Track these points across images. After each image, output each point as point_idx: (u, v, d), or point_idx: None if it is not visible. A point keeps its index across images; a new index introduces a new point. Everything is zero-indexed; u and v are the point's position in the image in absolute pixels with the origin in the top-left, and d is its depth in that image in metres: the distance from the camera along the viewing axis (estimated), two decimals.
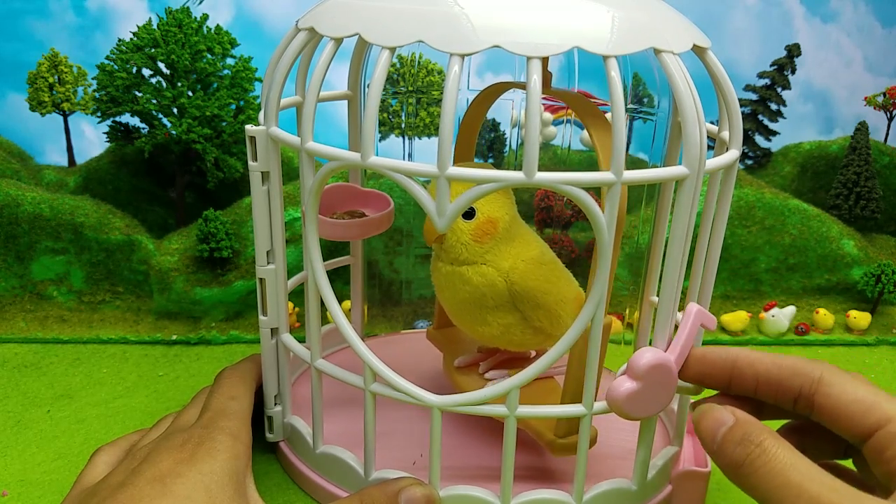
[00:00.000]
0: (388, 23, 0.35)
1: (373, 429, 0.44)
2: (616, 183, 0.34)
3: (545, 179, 0.34)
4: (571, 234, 0.69)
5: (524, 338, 0.47)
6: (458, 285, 0.46)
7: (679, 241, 0.38)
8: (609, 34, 0.35)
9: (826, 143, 0.82)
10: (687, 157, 0.36)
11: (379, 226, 0.54)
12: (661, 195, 0.52)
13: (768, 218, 0.75)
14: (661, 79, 0.60)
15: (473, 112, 0.51)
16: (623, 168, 0.34)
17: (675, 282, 0.39)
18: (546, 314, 0.46)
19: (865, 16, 0.78)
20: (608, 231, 0.36)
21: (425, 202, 0.36)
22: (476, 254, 0.45)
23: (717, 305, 0.75)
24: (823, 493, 0.29)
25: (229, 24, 0.73)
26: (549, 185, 0.34)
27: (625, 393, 0.38)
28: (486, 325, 0.46)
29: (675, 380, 0.39)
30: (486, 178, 0.34)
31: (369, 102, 0.35)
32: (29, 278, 0.70)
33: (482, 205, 0.45)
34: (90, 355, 0.65)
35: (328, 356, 0.60)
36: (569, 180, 0.34)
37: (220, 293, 0.68)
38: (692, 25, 0.40)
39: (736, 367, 0.37)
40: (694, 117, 0.36)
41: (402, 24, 0.35)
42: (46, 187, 0.74)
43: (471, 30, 0.34)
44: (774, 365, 0.36)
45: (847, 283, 0.76)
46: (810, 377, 0.34)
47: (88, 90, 0.75)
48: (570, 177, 0.34)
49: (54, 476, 0.50)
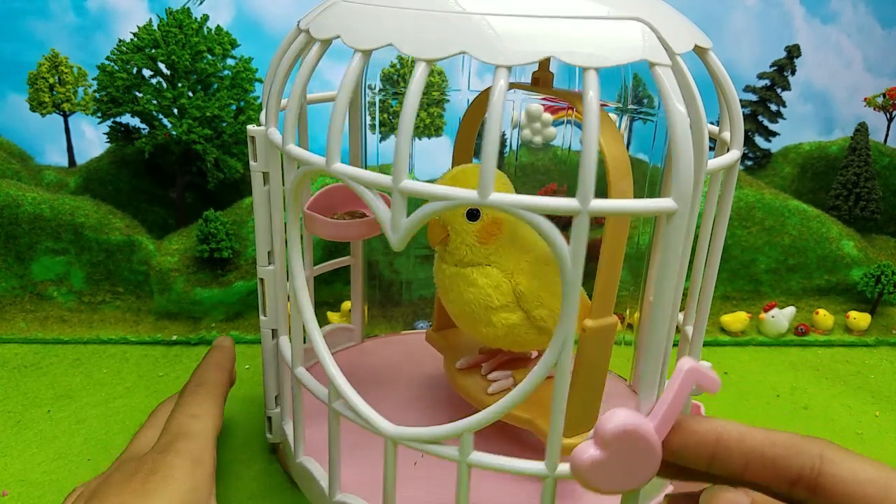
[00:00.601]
0: (363, 26, 0.35)
1: (337, 447, 0.42)
2: (582, 213, 0.31)
3: (501, 201, 0.31)
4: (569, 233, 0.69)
5: (528, 337, 0.47)
6: (463, 287, 0.46)
7: (671, 281, 0.33)
8: (590, 46, 0.32)
9: (826, 144, 0.82)
10: (676, 191, 0.31)
11: (379, 226, 0.54)
12: (662, 195, 0.52)
13: (768, 219, 0.75)
14: (625, 66, 0.59)
15: (473, 113, 0.51)
16: (591, 196, 0.30)
17: (665, 329, 0.34)
18: (550, 314, 0.46)
19: (865, 16, 0.78)
20: (573, 265, 0.32)
21: (381, 216, 0.34)
22: (481, 255, 0.45)
23: (717, 306, 0.75)
24: None
25: (229, 24, 0.73)
26: (507, 208, 0.31)
27: (587, 461, 0.31)
28: (490, 326, 0.46)
29: (656, 451, 0.32)
30: (439, 195, 0.32)
31: (336, 108, 0.33)
32: (29, 279, 0.70)
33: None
34: (90, 356, 0.65)
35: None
36: (528, 205, 0.31)
37: (221, 293, 0.68)
38: (693, 25, 0.40)
39: (721, 442, 0.31)
40: (688, 145, 0.31)
41: (377, 28, 0.34)
42: (47, 188, 0.74)
43: (440, 35, 0.32)
44: (768, 441, 0.30)
45: (847, 284, 0.76)
46: (811, 455, 0.29)
47: (89, 90, 0.75)
48: (529, 202, 0.31)
49: (54, 476, 0.50)
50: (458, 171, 0.46)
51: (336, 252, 0.59)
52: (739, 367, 0.67)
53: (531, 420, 0.47)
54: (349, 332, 0.63)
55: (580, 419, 0.44)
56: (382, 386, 0.58)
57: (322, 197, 0.54)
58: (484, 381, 0.50)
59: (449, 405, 0.56)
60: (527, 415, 0.47)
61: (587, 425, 0.45)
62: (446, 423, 0.37)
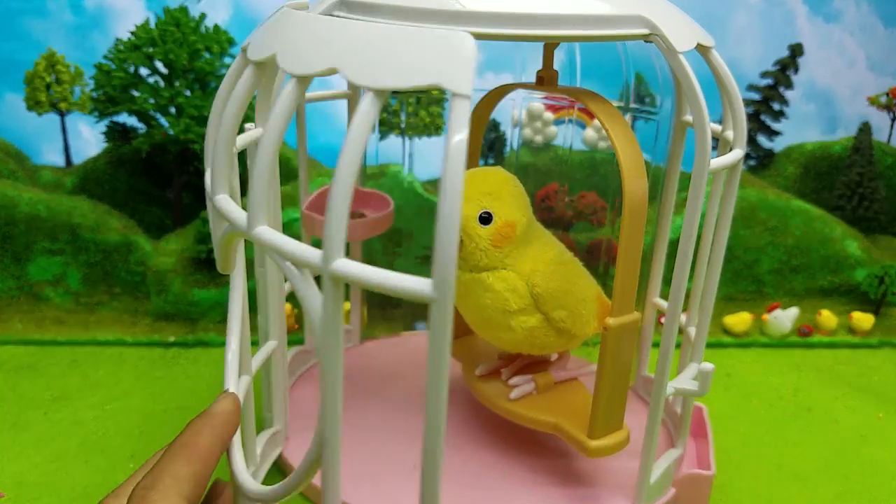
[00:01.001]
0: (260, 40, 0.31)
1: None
2: (324, 271, 0.24)
3: (261, 236, 0.27)
4: (572, 235, 0.69)
5: (548, 340, 0.46)
6: (480, 292, 0.45)
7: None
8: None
9: (829, 144, 0.82)
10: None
11: (381, 226, 0.53)
12: (664, 197, 0.52)
13: (771, 219, 0.74)
14: (662, 77, 0.59)
15: (478, 114, 0.51)
16: (338, 254, 0.24)
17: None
18: (569, 314, 0.45)
19: (868, 16, 0.77)
20: (321, 328, 0.25)
21: (311, 308, 0.26)
22: (496, 259, 0.44)
23: (720, 307, 0.75)
24: None
25: (227, 22, 0.72)
26: (266, 245, 0.27)
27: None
28: (509, 331, 0.45)
29: None
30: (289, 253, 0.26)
31: (261, 153, 0.26)
32: (25, 279, 0.69)
33: (500, 208, 0.44)
34: (87, 357, 0.65)
35: (312, 368, 0.60)
36: (284, 253, 0.26)
37: (218, 294, 0.68)
38: (695, 24, 0.40)
39: None
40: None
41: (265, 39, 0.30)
42: (43, 188, 0.74)
43: (312, 50, 0.27)
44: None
45: (850, 285, 0.76)
46: None
47: (86, 90, 0.75)
48: (285, 249, 0.26)
49: (51, 478, 0.49)
50: (469, 173, 0.45)
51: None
52: (742, 369, 0.67)
53: (556, 423, 0.46)
54: (347, 333, 0.63)
55: (607, 419, 0.44)
56: (386, 386, 0.58)
57: (321, 197, 0.53)
58: (505, 387, 0.50)
59: (455, 404, 0.55)
60: (552, 419, 0.47)
61: (615, 425, 0.44)
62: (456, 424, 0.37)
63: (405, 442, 0.51)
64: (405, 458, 0.49)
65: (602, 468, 0.49)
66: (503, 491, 0.47)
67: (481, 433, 0.52)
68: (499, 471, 0.49)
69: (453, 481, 0.47)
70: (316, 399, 0.55)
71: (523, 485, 0.47)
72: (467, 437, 0.52)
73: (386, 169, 0.69)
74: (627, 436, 0.44)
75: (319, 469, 0.27)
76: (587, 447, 0.44)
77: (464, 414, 0.54)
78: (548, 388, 0.49)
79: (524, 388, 0.49)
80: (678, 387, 0.43)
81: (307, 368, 0.59)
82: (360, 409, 0.55)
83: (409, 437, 0.51)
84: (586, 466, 0.49)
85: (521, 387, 0.49)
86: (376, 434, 0.52)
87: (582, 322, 0.46)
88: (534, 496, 0.47)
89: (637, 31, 0.36)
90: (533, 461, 0.50)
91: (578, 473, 0.48)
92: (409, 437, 0.51)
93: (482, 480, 0.48)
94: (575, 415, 0.46)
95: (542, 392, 0.49)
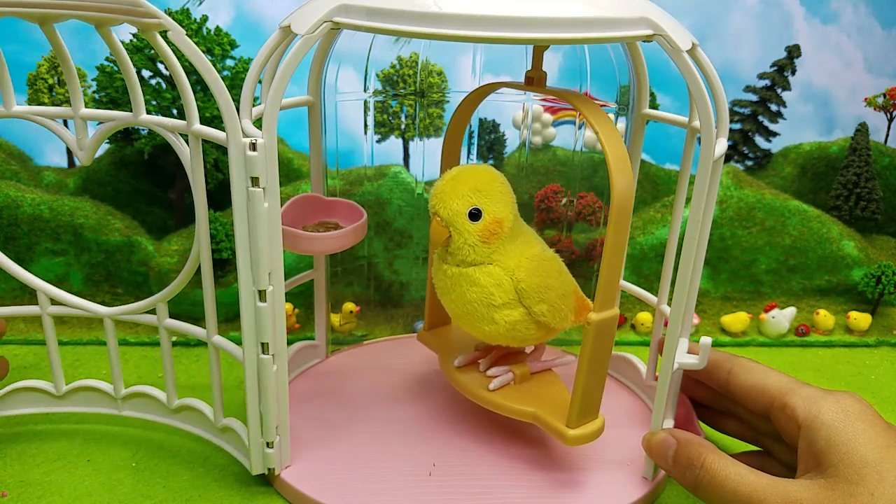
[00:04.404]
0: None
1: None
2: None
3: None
4: (572, 234, 0.69)
5: (528, 333, 0.47)
6: (466, 287, 0.46)
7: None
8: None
9: (826, 144, 0.82)
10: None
11: (358, 235, 0.52)
12: (676, 201, 0.52)
13: (768, 219, 0.74)
14: (619, 68, 0.59)
15: (461, 114, 0.52)
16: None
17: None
18: (550, 308, 0.46)
19: (865, 17, 0.78)
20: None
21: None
22: (483, 254, 0.45)
23: (718, 307, 0.75)
24: (768, 499, 0.37)
25: (229, 25, 0.73)
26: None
27: None
28: (493, 324, 0.47)
29: None
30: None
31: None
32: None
33: (489, 205, 0.45)
34: (90, 357, 0.65)
35: (306, 370, 0.60)
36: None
37: (220, 294, 0.68)
38: (678, 23, 0.40)
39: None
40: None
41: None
42: (46, 189, 0.74)
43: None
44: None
45: (847, 285, 0.76)
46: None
47: (88, 91, 0.75)
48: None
49: (54, 477, 0.50)
50: (458, 171, 0.46)
51: (302, 262, 0.57)
52: None
53: (535, 413, 0.47)
54: (312, 348, 0.61)
55: (585, 409, 0.45)
56: (386, 386, 0.58)
57: (291, 208, 0.52)
58: (483, 378, 0.51)
59: (433, 393, 0.56)
60: (531, 409, 0.48)
61: (591, 415, 0.46)
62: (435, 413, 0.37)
63: (406, 442, 0.52)
64: (420, 465, 0.49)
65: (580, 452, 0.50)
66: (485, 479, 0.48)
67: (462, 422, 0.53)
68: (480, 459, 0.50)
69: (435, 471, 0.48)
70: (316, 399, 0.56)
71: (505, 471, 0.48)
72: (446, 424, 0.53)
73: (386, 169, 0.69)
74: (603, 424, 0.46)
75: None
76: (566, 436, 0.45)
77: (442, 403, 0.55)
78: (525, 378, 0.51)
79: (503, 379, 0.50)
80: (680, 361, 0.44)
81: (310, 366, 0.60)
82: (360, 408, 0.55)
83: (410, 437, 0.52)
84: (565, 452, 0.50)
85: (501, 377, 0.50)
86: (377, 434, 0.52)
87: (561, 316, 0.47)
88: (517, 482, 0.48)
89: (641, 32, 0.36)
90: (511, 448, 0.51)
91: (557, 459, 0.50)
92: (410, 438, 0.52)
93: (466, 470, 0.49)
94: (552, 405, 0.48)
95: (520, 383, 0.50)
